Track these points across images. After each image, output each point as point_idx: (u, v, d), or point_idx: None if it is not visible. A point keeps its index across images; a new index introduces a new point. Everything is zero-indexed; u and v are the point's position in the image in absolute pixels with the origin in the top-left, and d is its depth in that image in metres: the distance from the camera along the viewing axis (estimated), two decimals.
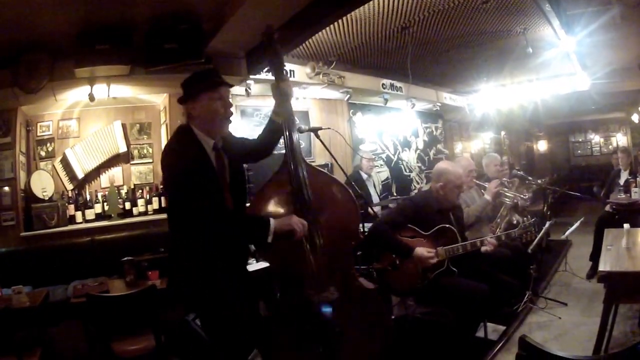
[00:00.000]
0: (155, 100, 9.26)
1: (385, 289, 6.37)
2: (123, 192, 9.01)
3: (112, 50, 7.20)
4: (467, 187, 8.17)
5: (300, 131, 5.42)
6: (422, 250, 6.06)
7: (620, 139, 27.65)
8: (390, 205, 10.58)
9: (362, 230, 7.73)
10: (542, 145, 29.24)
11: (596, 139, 29.26)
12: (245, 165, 4.78)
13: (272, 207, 4.57)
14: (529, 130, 27.19)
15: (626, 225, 6.25)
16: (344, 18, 8.23)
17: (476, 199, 8.32)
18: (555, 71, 14.30)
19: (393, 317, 6.62)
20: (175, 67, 7.03)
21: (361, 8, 7.79)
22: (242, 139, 4.87)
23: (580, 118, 26.64)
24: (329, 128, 7.12)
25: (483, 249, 6.26)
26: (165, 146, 4.39)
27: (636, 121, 21.71)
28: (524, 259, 7.97)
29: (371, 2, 7.65)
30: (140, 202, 8.98)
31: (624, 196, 10.90)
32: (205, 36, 7.46)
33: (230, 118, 4.41)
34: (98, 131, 8.97)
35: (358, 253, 7.39)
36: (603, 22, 9.31)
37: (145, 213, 9.02)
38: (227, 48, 7.95)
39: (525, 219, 7.16)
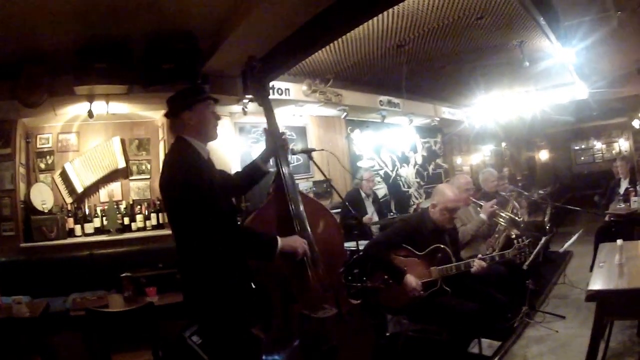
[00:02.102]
0: (154, 116, 9.41)
1: (378, 306, 6.50)
2: (122, 207, 9.15)
3: (110, 69, 7.36)
4: (464, 205, 8.30)
5: (294, 153, 5.63)
6: (411, 280, 6.16)
7: (623, 145, 27.66)
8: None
9: (357, 248, 7.92)
10: (543, 155, 29.25)
11: (598, 145, 29.31)
12: None
13: (274, 227, 4.69)
14: (530, 140, 27.25)
15: (619, 241, 6.15)
16: (342, 37, 8.34)
17: (473, 216, 8.42)
18: (554, 81, 14.42)
19: (387, 334, 6.73)
20: (172, 87, 6.95)
21: (357, 28, 7.85)
22: (221, 171, 4.99)
23: (581, 125, 26.63)
24: (322, 149, 7.28)
25: (472, 270, 6.38)
26: (168, 159, 4.54)
27: (637, 127, 21.83)
28: (519, 275, 8.04)
29: (367, 23, 7.76)
30: (139, 217, 9.12)
31: (623, 206, 10.93)
32: (202, 56, 7.62)
33: (217, 126, 4.70)
34: (97, 146, 9.13)
35: (355, 271, 7.51)
36: (600, 31, 9.44)
37: (144, 228, 9.16)
38: (224, 68, 8.10)
39: (520, 239, 7.20)
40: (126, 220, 9.08)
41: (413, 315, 6.49)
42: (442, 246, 6.42)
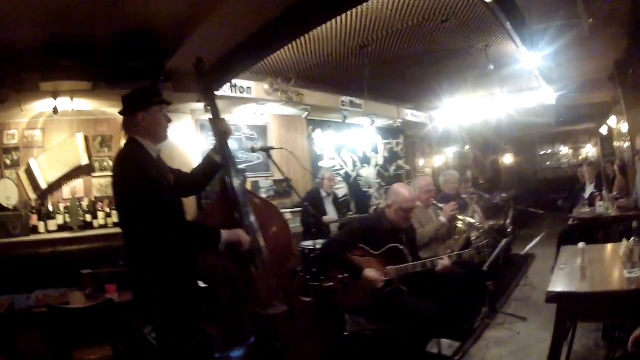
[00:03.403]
0: (117, 113, 9.24)
1: (335, 306, 6.61)
2: (84, 204, 9.20)
3: (75, 66, 7.55)
4: (424, 206, 8.51)
5: (253, 150, 5.95)
6: (371, 272, 6.27)
7: (590, 150, 28.10)
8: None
9: (314, 247, 8.15)
10: (508, 159, 29.57)
11: (565, 150, 29.74)
12: None
13: (220, 224, 4.86)
14: (494, 144, 27.58)
15: (581, 244, 6.15)
16: (303, 37, 8.50)
17: (432, 218, 8.53)
18: (520, 85, 14.65)
19: (346, 333, 6.80)
20: (135, 84, 7.23)
21: (320, 28, 8.05)
22: (177, 170, 5.25)
23: (548, 130, 26.95)
24: (281, 148, 7.54)
25: (437, 269, 6.51)
26: (118, 158, 4.83)
27: (605, 133, 22.20)
28: (479, 276, 8.19)
29: (329, 22, 7.94)
30: (101, 215, 9.18)
31: (588, 210, 11.21)
32: (166, 54, 7.82)
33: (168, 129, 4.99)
34: (61, 143, 9.20)
35: (313, 270, 7.73)
36: (570, 36, 9.59)
37: (106, 226, 9.21)
38: (186, 66, 8.15)
39: (478, 239, 7.56)
40: (88, 218, 9.13)
41: (370, 315, 6.57)
42: (398, 246, 6.55)
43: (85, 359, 6.00)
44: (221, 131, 5.23)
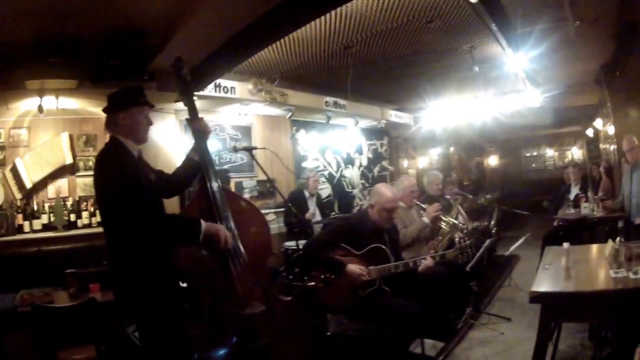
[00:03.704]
0: (102, 113, 9.24)
1: (318, 305, 6.60)
2: (69, 203, 9.19)
3: (62, 64, 7.60)
4: (407, 207, 8.56)
5: (236, 150, 6.02)
6: (353, 267, 6.32)
7: (576, 153, 28.24)
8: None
9: (297, 248, 8.16)
10: (493, 160, 29.72)
11: (550, 153, 29.92)
12: None
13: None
14: (479, 146, 27.69)
15: (566, 244, 6.28)
16: (287, 37, 8.56)
17: (415, 219, 8.60)
18: (506, 87, 14.72)
19: (328, 333, 6.78)
20: (120, 83, 7.00)
21: (304, 28, 8.13)
22: (159, 171, 5.34)
23: (533, 133, 27.10)
24: (264, 148, 7.61)
25: (420, 269, 6.55)
26: (98, 156, 4.94)
27: (591, 135, 22.31)
28: (463, 277, 8.30)
29: (314, 22, 8.02)
30: (85, 214, 9.18)
31: (573, 211, 11.26)
32: (151, 53, 7.84)
33: (149, 130, 5.10)
34: (46, 142, 9.18)
35: (296, 270, 7.81)
36: (556, 39, 9.67)
37: (90, 225, 9.21)
38: (171, 65, 8.25)
39: (461, 240, 7.64)
40: (72, 217, 9.12)
41: (352, 315, 6.59)
42: (380, 246, 6.58)
43: (70, 358, 6.03)
44: (199, 130, 5.36)
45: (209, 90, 9.59)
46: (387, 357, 6.31)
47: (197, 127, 5.37)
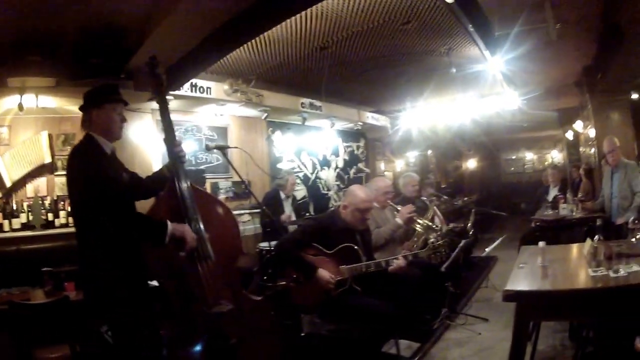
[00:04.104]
0: (80, 112, 9.31)
1: (290, 305, 6.63)
2: (47, 202, 9.20)
3: (42, 62, 7.68)
4: (381, 207, 8.57)
5: (208, 149, 6.13)
6: (324, 273, 6.31)
7: (556, 156, 28.49)
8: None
9: (270, 248, 8.28)
10: (471, 164, 29.95)
11: (529, 156, 30.19)
12: None
13: (168, 218, 4.96)
14: (457, 149, 27.86)
15: (541, 243, 6.35)
16: (263, 38, 8.66)
17: (390, 219, 8.52)
18: (484, 90, 14.69)
19: (302, 334, 6.86)
20: (99, 82, 6.95)
21: (279, 28, 8.24)
22: (133, 173, 5.44)
23: (512, 136, 27.23)
24: (236, 147, 7.69)
25: (390, 269, 6.57)
26: (71, 152, 5.08)
27: (571, 138, 22.49)
28: (438, 277, 8.31)
29: (289, 23, 8.11)
30: (62, 213, 9.18)
31: (551, 212, 11.50)
32: (129, 52, 7.87)
33: (123, 127, 5.24)
34: (26, 140, 9.19)
35: (270, 271, 7.86)
36: (536, 41, 9.73)
37: (67, 225, 9.18)
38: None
39: (433, 240, 7.70)
40: (50, 216, 9.14)
41: (325, 315, 6.66)
42: (352, 245, 6.58)
43: (45, 357, 6.05)
44: (175, 155, 5.36)
45: (185, 90, 9.66)
46: (360, 357, 6.40)
47: (173, 151, 5.38)
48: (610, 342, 5.23)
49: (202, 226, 5.17)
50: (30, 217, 9.00)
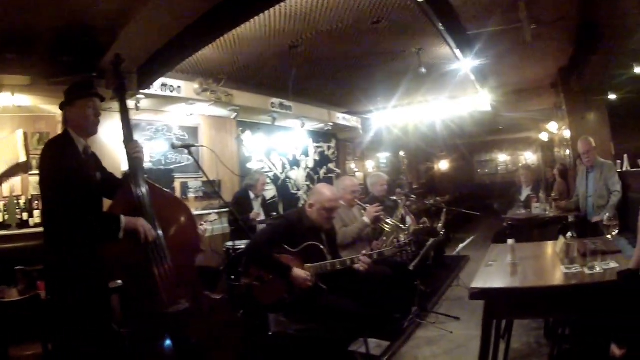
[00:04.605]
0: (55, 110, 9.40)
1: (254, 303, 6.55)
2: (22, 202, 9.21)
3: (18, 60, 7.66)
4: (349, 206, 8.72)
5: (174, 147, 6.24)
6: (299, 272, 6.31)
7: (530, 157, 28.79)
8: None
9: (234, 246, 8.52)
10: (444, 165, 30.21)
11: (503, 157, 30.46)
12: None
13: (126, 213, 5.07)
14: (429, 150, 28.07)
15: (510, 241, 6.35)
16: (232, 37, 8.70)
17: (357, 218, 8.72)
18: (457, 91, 14.92)
19: (270, 333, 6.78)
20: (71, 80, 6.96)
21: (249, 27, 8.28)
22: (109, 173, 5.62)
23: (486, 137, 27.49)
24: (202, 146, 7.77)
25: (356, 266, 6.61)
26: (45, 144, 5.20)
27: (545, 139, 22.71)
28: (407, 276, 8.41)
29: (258, 21, 8.18)
30: (36, 213, 9.16)
31: (524, 212, 11.68)
32: (101, 50, 7.81)
33: (98, 122, 5.37)
34: (2, 139, 9.25)
35: (239, 270, 7.95)
36: (511, 42, 9.92)
37: (41, 224, 9.16)
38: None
39: (395, 239, 7.81)
40: (25, 216, 9.17)
41: (290, 314, 6.60)
42: (316, 244, 6.62)
43: (20, 355, 6.10)
44: (131, 155, 5.48)
45: (156, 89, 9.73)
46: (327, 356, 6.47)
47: (129, 152, 5.49)
48: (587, 340, 5.21)
49: (157, 225, 5.26)
50: (6, 217, 9.04)
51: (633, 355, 3.64)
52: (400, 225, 8.92)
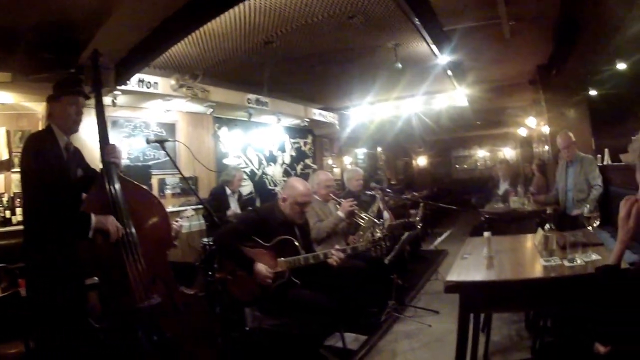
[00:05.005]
0: (36, 108, 9.48)
1: (229, 298, 6.60)
2: (4, 200, 9.16)
3: (1, 56, 7.65)
4: (324, 201, 8.83)
5: (148, 142, 6.32)
6: (261, 267, 6.35)
7: (509, 153, 28.99)
8: None
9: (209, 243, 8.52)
10: (422, 161, 30.37)
11: (481, 153, 30.66)
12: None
13: (98, 211, 5.14)
14: (407, 146, 28.20)
15: (486, 233, 6.30)
16: (208, 32, 8.76)
17: (332, 213, 8.80)
18: (434, 87, 14.99)
19: (247, 328, 6.95)
20: (51, 77, 7.25)
21: (223, 22, 8.35)
22: (92, 169, 5.73)
23: (464, 133, 27.67)
24: (175, 140, 7.82)
25: (329, 261, 6.63)
26: (27, 137, 5.43)
27: (524, 135, 22.88)
28: (382, 270, 8.52)
29: (233, 16, 8.19)
30: (19, 210, 9.10)
31: (502, 206, 11.83)
32: (81, 47, 7.81)
33: (80, 120, 5.50)
34: None
35: (215, 266, 8.06)
36: (489, 38, 9.99)
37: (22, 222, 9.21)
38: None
39: (370, 233, 7.72)
40: (8, 214, 9.10)
41: (265, 309, 6.72)
42: (290, 238, 6.68)
43: (3, 353, 6.13)
44: (107, 161, 5.51)
45: (133, 85, 9.74)
46: (302, 351, 6.48)
47: (106, 155, 5.53)
48: (569, 332, 4.99)
49: (130, 220, 5.33)
50: None
51: (617, 352, 3.70)
52: (375, 220, 8.91)
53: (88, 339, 5.09)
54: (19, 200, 9.19)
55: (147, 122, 11.70)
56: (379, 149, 23.57)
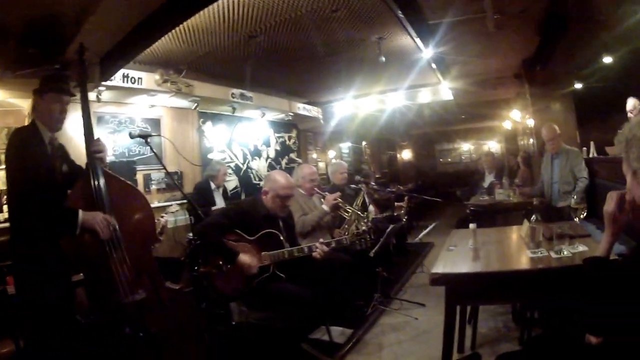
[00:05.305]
0: (22, 105, 9.31)
1: (214, 292, 6.55)
2: None
3: None
4: (308, 195, 8.83)
5: (132, 137, 6.35)
6: (245, 258, 6.36)
7: (494, 146, 29.11)
8: None
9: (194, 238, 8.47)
10: (406, 154, 30.44)
11: (466, 146, 30.78)
12: None
13: (83, 206, 5.17)
14: (391, 140, 28.27)
15: (472, 225, 6.40)
16: (191, 27, 8.75)
17: (317, 206, 8.85)
18: (418, 80, 14.99)
19: (233, 323, 6.84)
20: (36, 72, 7.19)
21: (207, 16, 8.35)
22: (77, 166, 5.75)
23: (449, 127, 27.77)
24: (158, 135, 7.82)
25: (314, 254, 6.63)
26: (12, 132, 5.47)
27: (509, 128, 22.97)
28: (367, 263, 8.55)
29: (216, 10, 8.18)
30: (5, 208, 8.73)
31: (487, 198, 11.84)
32: (66, 42, 7.77)
33: (64, 119, 5.53)
34: None
35: (200, 261, 8.02)
36: (473, 31, 10.01)
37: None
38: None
39: (355, 227, 7.90)
40: None
41: (250, 303, 6.68)
42: (274, 231, 6.71)
43: None
44: (92, 155, 5.51)
45: (117, 80, 9.71)
46: (288, 345, 6.49)
47: (91, 150, 5.53)
48: (557, 323, 5.10)
49: (114, 216, 5.32)
50: None
51: (608, 342, 3.73)
52: (360, 213, 8.98)
53: (77, 336, 5.10)
54: (5, 197, 9.11)
55: (132, 118, 11.66)
56: (364, 143, 23.59)
